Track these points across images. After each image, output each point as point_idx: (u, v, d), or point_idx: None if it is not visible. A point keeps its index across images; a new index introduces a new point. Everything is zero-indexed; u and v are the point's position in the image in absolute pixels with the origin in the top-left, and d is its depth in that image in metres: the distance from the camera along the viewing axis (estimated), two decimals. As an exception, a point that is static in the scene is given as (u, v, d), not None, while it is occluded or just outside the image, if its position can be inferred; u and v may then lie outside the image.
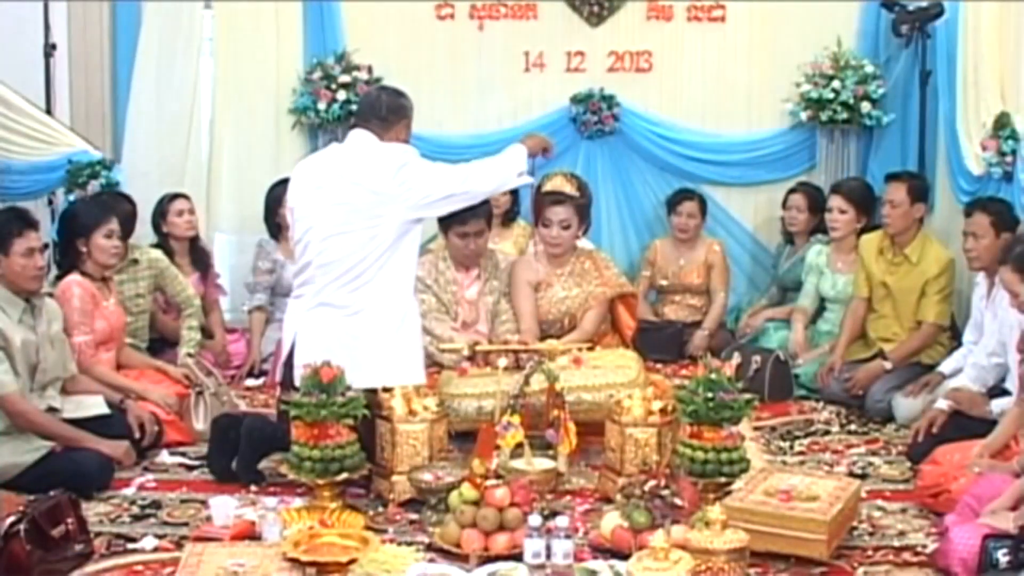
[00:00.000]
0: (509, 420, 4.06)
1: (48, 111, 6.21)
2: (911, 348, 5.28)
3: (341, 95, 6.51)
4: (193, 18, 6.50)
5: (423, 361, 4.40)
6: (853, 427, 5.08)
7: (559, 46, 6.72)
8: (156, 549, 3.67)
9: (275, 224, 5.97)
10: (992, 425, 4.12)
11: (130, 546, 3.70)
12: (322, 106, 6.52)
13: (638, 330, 5.39)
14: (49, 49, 6.32)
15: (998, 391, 4.43)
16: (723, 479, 3.75)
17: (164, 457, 4.57)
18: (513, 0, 6.70)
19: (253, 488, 4.20)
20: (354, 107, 6.47)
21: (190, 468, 4.48)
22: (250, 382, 5.72)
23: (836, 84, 6.41)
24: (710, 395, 3.70)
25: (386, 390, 4.12)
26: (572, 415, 4.18)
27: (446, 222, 4.88)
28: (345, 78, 6.53)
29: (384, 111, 4.27)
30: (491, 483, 3.65)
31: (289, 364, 4.25)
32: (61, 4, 6.45)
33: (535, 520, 3.45)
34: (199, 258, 5.90)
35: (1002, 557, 3.19)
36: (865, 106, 6.42)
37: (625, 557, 3.32)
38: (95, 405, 4.50)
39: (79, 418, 4.37)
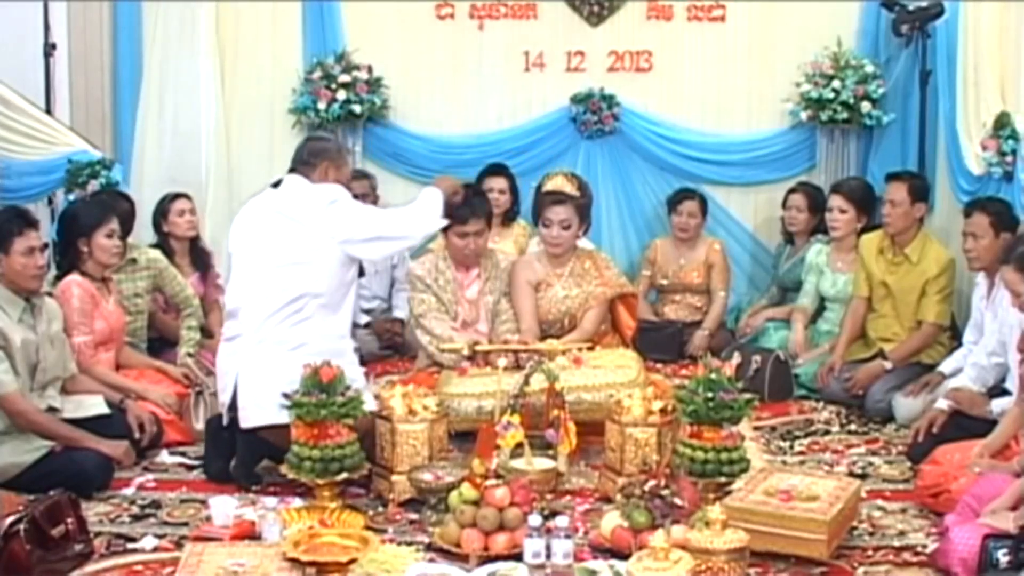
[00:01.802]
0: (509, 420, 4.05)
1: (48, 111, 6.20)
2: (911, 348, 5.27)
3: (341, 95, 6.52)
4: (197, 18, 6.51)
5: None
6: (853, 427, 5.08)
7: (559, 46, 6.73)
8: (156, 549, 3.67)
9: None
10: (992, 425, 4.12)
11: (130, 546, 3.70)
12: (322, 106, 6.53)
13: (638, 330, 5.38)
14: (49, 49, 6.32)
15: (998, 391, 4.43)
16: (723, 479, 3.75)
17: (164, 457, 4.57)
18: (513, 0, 6.70)
19: (253, 488, 4.19)
20: (354, 107, 6.52)
21: (190, 468, 4.47)
22: (250, 382, 5.70)
23: (836, 84, 6.42)
24: (710, 395, 3.71)
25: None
26: (572, 415, 4.18)
27: (446, 222, 4.88)
28: (345, 78, 6.54)
29: (305, 155, 4.42)
30: (491, 483, 3.65)
31: (233, 407, 4.19)
32: (61, 4, 6.45)
33: (535, 520, 3.44)
34: (199, 258, 5.88)
35: (1002, 557, 3.19)
36: (865, 106, 6.43)
37: (625, 557, 3.32)
38: (95, 405, 4.49)
39: (79, 418, 4.36)
